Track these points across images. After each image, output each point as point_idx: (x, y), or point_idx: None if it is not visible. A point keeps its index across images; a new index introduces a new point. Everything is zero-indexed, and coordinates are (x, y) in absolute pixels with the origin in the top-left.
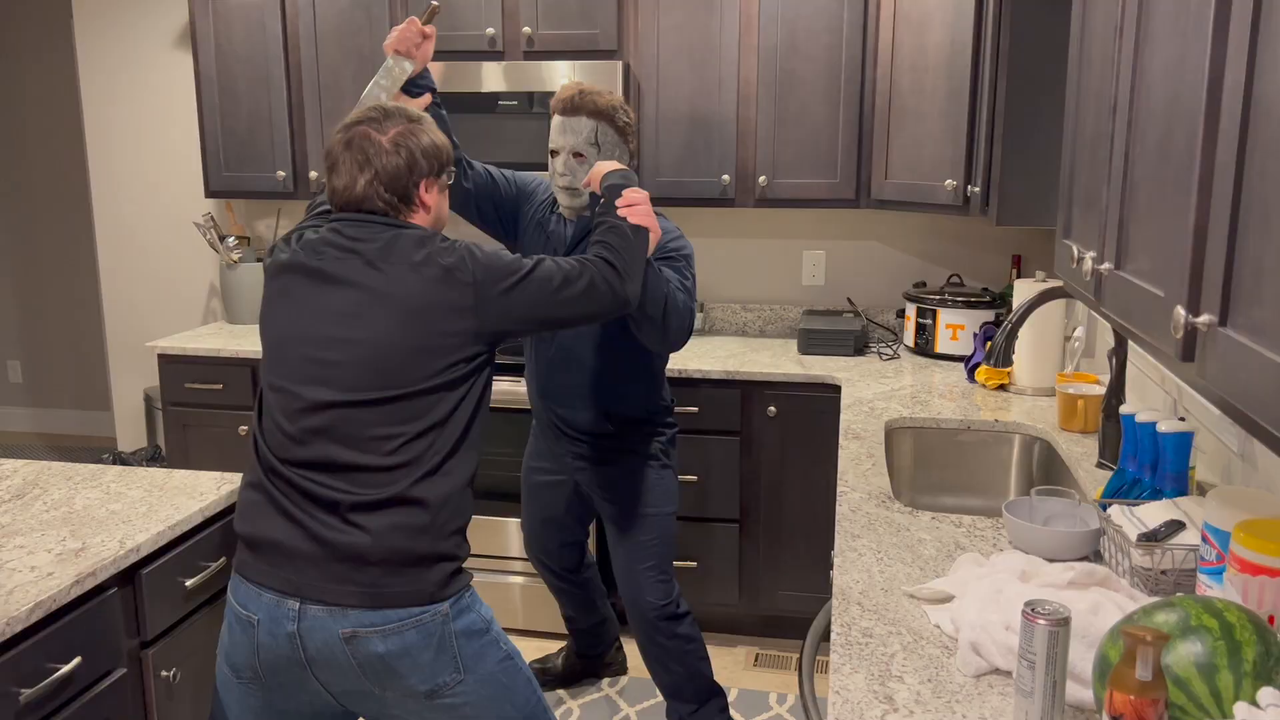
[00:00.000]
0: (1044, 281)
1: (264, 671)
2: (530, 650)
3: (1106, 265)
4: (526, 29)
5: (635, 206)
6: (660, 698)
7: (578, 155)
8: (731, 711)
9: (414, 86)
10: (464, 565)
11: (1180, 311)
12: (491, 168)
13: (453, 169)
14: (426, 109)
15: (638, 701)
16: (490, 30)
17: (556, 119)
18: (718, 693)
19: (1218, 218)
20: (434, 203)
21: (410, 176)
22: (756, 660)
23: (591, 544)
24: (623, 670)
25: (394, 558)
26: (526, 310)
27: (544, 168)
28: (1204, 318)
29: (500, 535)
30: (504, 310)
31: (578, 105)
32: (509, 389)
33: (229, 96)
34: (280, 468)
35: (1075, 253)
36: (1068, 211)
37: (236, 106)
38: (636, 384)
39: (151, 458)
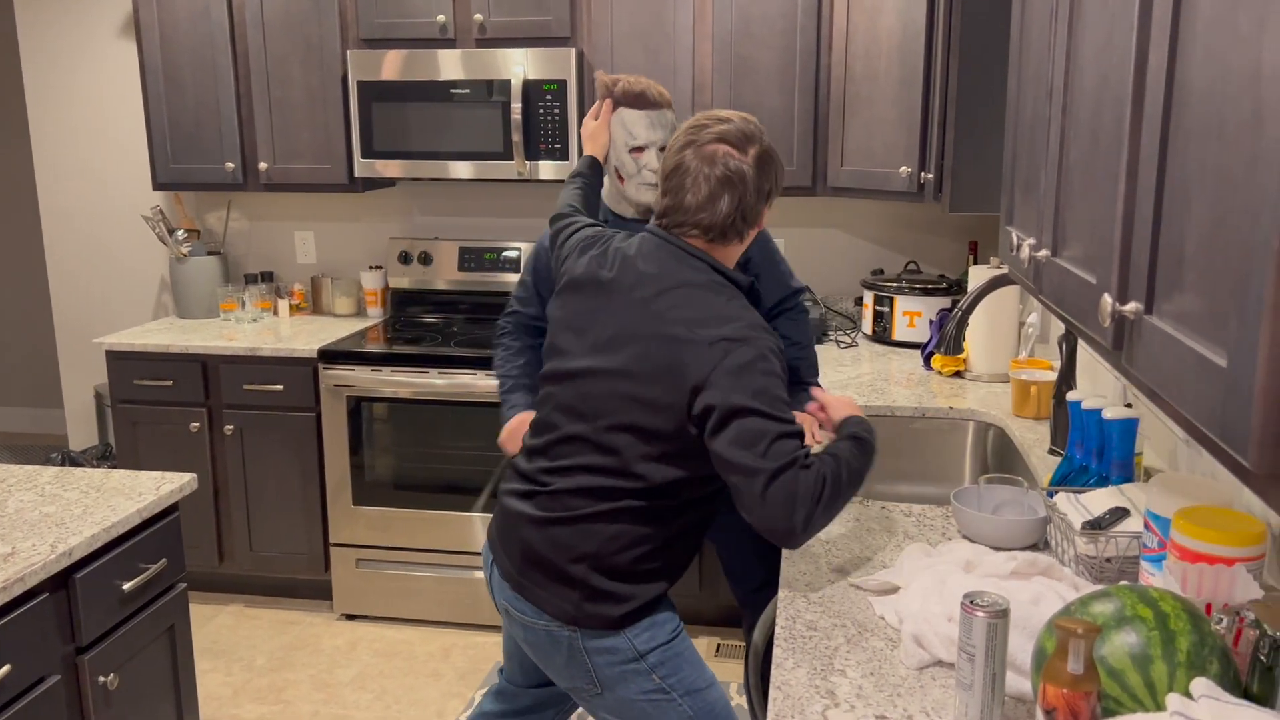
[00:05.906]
0: (999, 268)
1: None
2: None
3: (1044, 253)
4: (478, 16)
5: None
6: None
7: (662, 149)
8: None
9: None
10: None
11: (1108, 299)
12: (531, 302)
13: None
14: None
15: None
16: (441, 18)
17: (637, 114)
18: None
19: (1143, 203)
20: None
21: (755, 207)
22: (718, 650)
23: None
24: None
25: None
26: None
27: (505, 157)
28: (1130, 305)
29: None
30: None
31: (656, 100)
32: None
33: (174, 87)
34: None
35: (1015, 240)
36: (1010, 197)
37: (182, 97)
38: None
39: (101, 456)
